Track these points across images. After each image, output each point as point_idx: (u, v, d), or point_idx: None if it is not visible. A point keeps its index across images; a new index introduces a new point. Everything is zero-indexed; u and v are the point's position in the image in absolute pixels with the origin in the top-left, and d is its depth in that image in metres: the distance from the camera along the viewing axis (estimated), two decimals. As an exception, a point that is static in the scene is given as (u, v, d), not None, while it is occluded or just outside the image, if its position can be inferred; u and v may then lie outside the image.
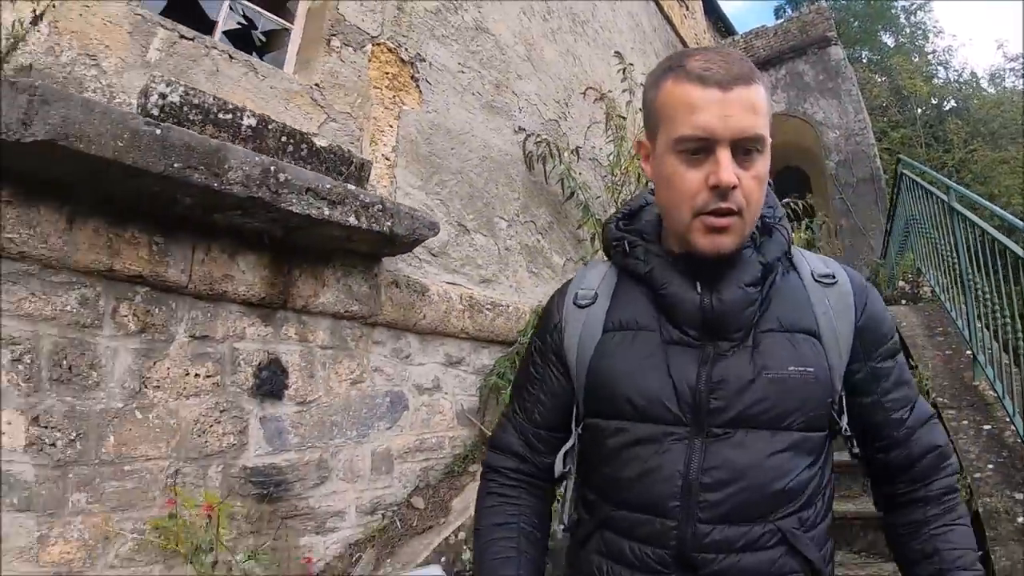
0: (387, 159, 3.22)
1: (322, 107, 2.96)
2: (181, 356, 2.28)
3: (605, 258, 1.06)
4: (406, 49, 3.45)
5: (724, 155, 0.82)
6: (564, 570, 1.03)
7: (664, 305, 0.91)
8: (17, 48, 2.12)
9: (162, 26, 2.61)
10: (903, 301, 4.93)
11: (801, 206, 4.83)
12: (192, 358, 2.29)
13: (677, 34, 7.59)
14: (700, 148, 0.83)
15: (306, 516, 2.54)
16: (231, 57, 2.78)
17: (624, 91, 4.33)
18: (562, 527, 1.01)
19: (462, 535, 2.73)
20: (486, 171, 3.84)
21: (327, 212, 2.32)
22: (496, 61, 4.10)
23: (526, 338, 3.44)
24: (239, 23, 3.55)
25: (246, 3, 3.18)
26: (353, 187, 2.48)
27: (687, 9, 8.33)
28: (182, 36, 2.68)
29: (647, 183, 4.43)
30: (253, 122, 2.39)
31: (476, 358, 3.41)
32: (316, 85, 2.97)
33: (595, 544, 0.93)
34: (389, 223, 2.50)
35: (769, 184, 0.91)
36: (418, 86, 3.47)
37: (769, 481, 0.84)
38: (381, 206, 2.51)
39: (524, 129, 4.13)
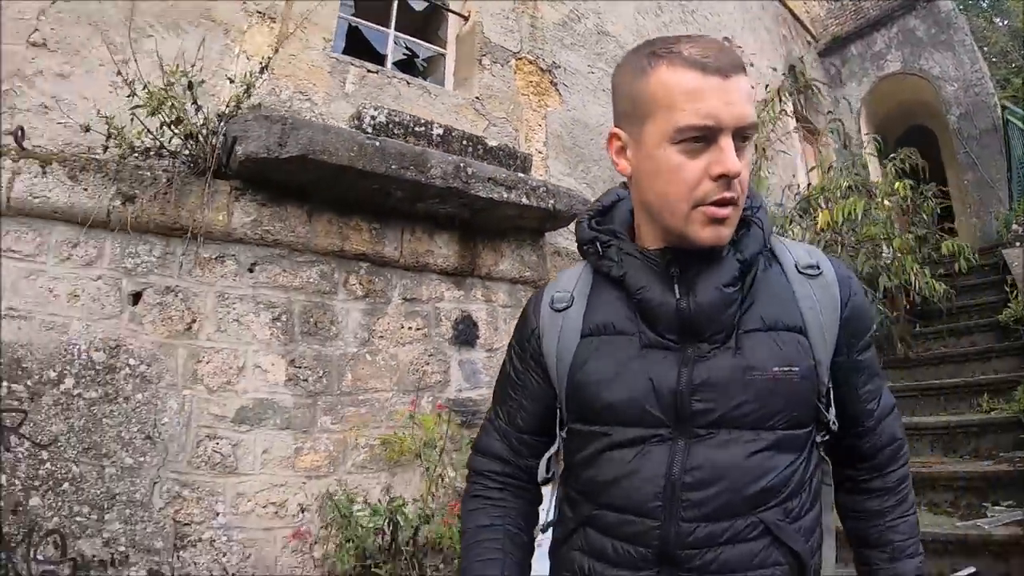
0: (540, 152, 3.84)
1: (483, 115, 3.63)
2: (397, 314, 2.99)
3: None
4: (543, 59, 4.07)
5: (728, 143, 0.81)
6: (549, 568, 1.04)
7: (641, 309, 0.90)
8: (250, 93, 2.88)
9: (352, 64, 3.37)
10: (1016, 244, 4.92)
11: (919, 168, 4.90)
12: (405, 315, 3.00)
13: (785, 5, 7.73)
14: (702, 137, 0.81)
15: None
16: (408, 83, 3.51)
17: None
18: (540, 527, 1.05)
19: None
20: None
21: (505, 195, 2.95)
22: (617, 57, 4.63)
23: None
24: (404, 54, 4.32)
25: (405, 36, 3.94)
26: (522, 175, 3.10)
27: None
28: (368, 71, 3.44)
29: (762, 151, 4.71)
30: (440, 131, 3.07)
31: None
32: (477, 98, 3.65)
33: (577, 542, 0.94)
34: (552, 201, 3.09)
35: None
36: (557, 89, 4.07)
37: (751, 480, 0.85)
38: (545, 188, 3.11)
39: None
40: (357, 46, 4.44)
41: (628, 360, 0.89)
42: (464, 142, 3.10)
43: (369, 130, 2.95)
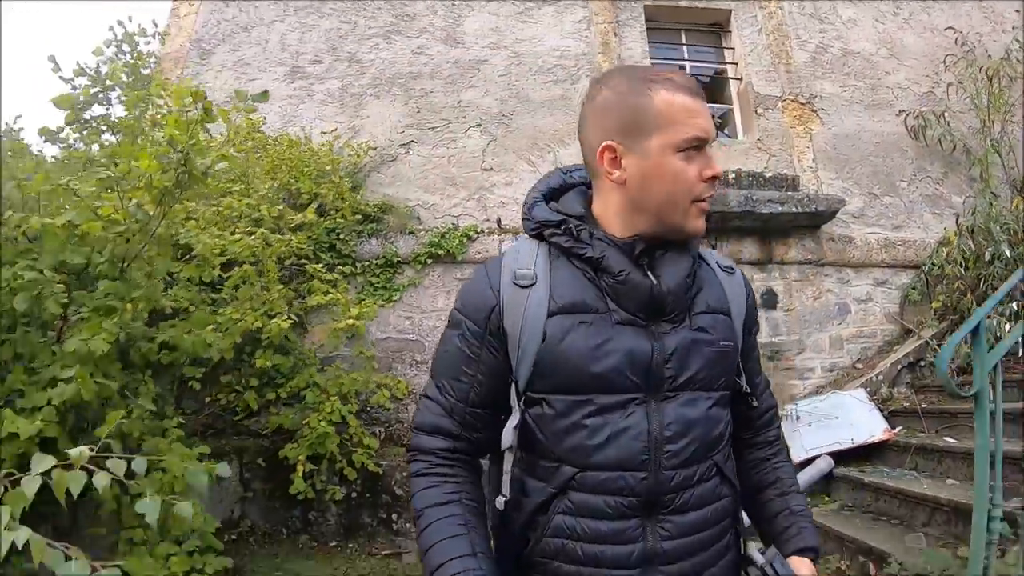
0: (811, 167, 5.51)
1: (764, 150, 5.48)
2: None
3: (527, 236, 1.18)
4: (801, 95, 5.73)
5: (711, 151, 1.07)
6: (508, 539, 1.13)
7: (618, 289, 1.06)
8: None
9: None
10: None
11: None
12: None
13: None
14: (697, 146, 1.04)
15: (792, 370, 4.97)
16: None
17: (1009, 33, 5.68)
18: (503, 498, 1.12)
19: (881, 376, 4.76)
20: (881, 152, 5.74)
21: (780, 208, 4.79)
22: (866, 71, 6.00)
23: (935, 260, 5.14)
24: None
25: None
26: (790, 192, 4.90)
27: None
28: None
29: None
30: (733, 175, 5.03)
31: (896, 279, 5.33)
32: (758, 140, 5.52)
33: (560, 506, 1.07)
34: (813, 206, 4.82)
35: None
36: (817, 115, 5.69)
37: (710, 429, 1.10)
38: (808, 198, 4.86)
39: (903, 111, 5.84)
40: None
41: (604, 334, 1.05)
42: (750, 178, 5.02)
43: None
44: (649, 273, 1.07)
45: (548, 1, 5.92)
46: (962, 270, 4.92)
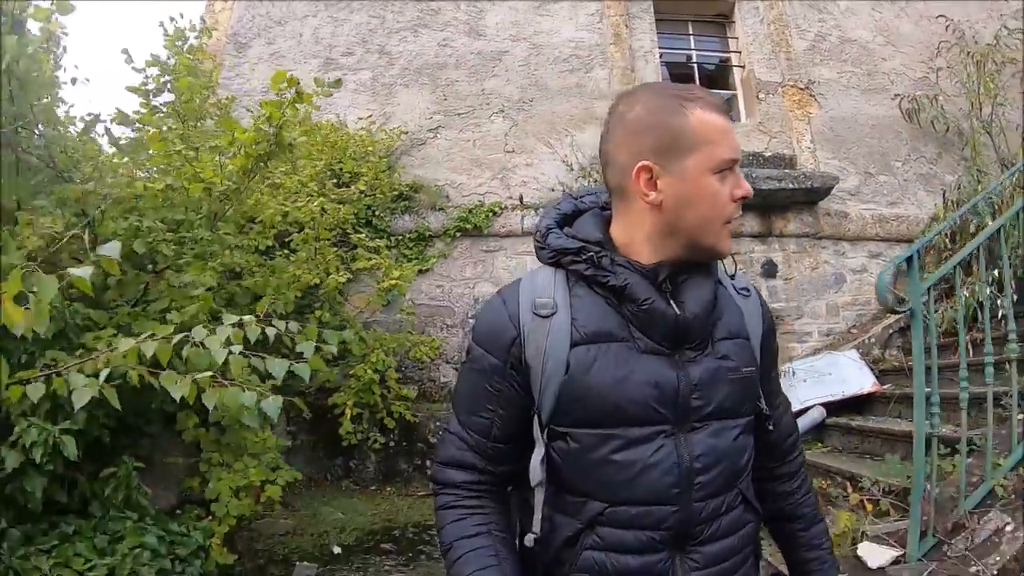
0: (809, 147, 5.98)
1: (765, 132, 5.96)
2: (728, 262, 5.52)
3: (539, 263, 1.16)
4: (800, 81, 6.20)
5: (739, 172, 1.07)
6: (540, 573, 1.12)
7: (642, 318, 1.05)
8: None
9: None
10: None
11: None
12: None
13: None
14: (727, 167, 1.04)
15: (792, 334, 5.46)
16: None
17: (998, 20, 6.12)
18: (534, 535, 1.12)
19: (873, 339, 5.23)
20: (876, 134, 6.19)
21: (777, 184, 5.27)
22: (862, 58, 6.45)
23: (927, 235, 5.57)
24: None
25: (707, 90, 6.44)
26: (787, 171, 5.38)
27: None
28: None
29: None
30: (736, 155, 5.53)
31: (890, 251, 5.78)
32: (760, 123, 5.99)
33: (588, 541, 1.07)
34: (809, 183, 5.30)
35: None
36: (815, 99, 6.16)
37: (739, 458, 1.11)
38: (804, 175, 5.34)
39: (898, 95, 6.28)
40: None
41: (629, 365, 1.04)
42: (750, 158, 5.50)
43: None
44: (672, 301, 1.07)
45: (563, -2, 6.44)
46: (949, 242, 5.36)
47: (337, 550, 3.93)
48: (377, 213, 5.43)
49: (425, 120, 6.06)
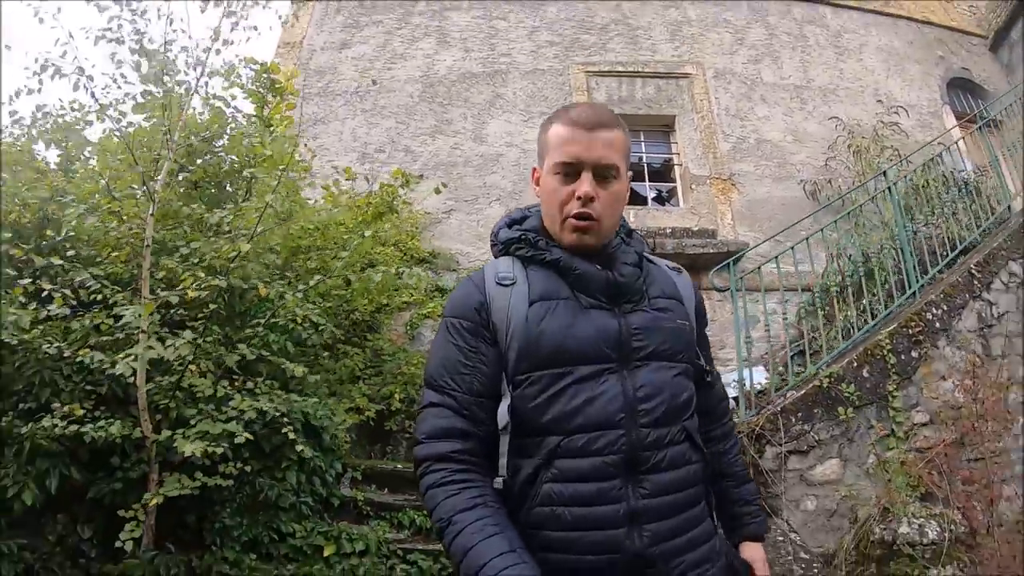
0: (731, 223, 8.25)
1: (696, 215, 8.26)
2: None
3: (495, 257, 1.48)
4: (723, 174, 8.54)
5: (587, 176, 1.33)
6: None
7: (578, 281, 1.35)
8: None
9: (632, 207, 8.29)
10: None
11: None
12: None
13: (940, 27, 10.65)
14: (571, 171, 1.33)
15: (718, 360, 7.60)
16: (658, 208, 8.32)
17: (876, 118, 8.45)
18: (501, 478, 1.29)
19: (778, 359, 7.39)
20: (785, 210, 8.43)
21: (700, 250, 7.53)
22: (775, 153, 8.79)
23: (823, 282, 7.74)
24: (657, 191, 9.14)
25: (653, 184, 8.77)
26: (710, 239, 7.65)
27: None
28: (639, 206, 8.36)
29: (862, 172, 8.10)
30: (669, 229, 7.81)
31: (795, 298, 7.97)
32: (691, 207, 8.31)
33: (546, 475, 1.26)
34: (726, 248, 7.56)
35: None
36: (735, 186, 8.48)
37: (678, 393, 1.34)
38: (721, 242, 7.60)
39: (803, 180, 8.56)
40: (633, 195, 9.41)
41: (576, 316, 1.32)
42: (681, 231, 7.77)
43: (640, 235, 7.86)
44: (598, 266, 1.36)
45: (547, 112, 8.85)
46: (836, 289, 7.56)
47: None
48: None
49: (441, 204, 8.35)
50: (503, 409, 1.29)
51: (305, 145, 5.13)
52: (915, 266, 5.53)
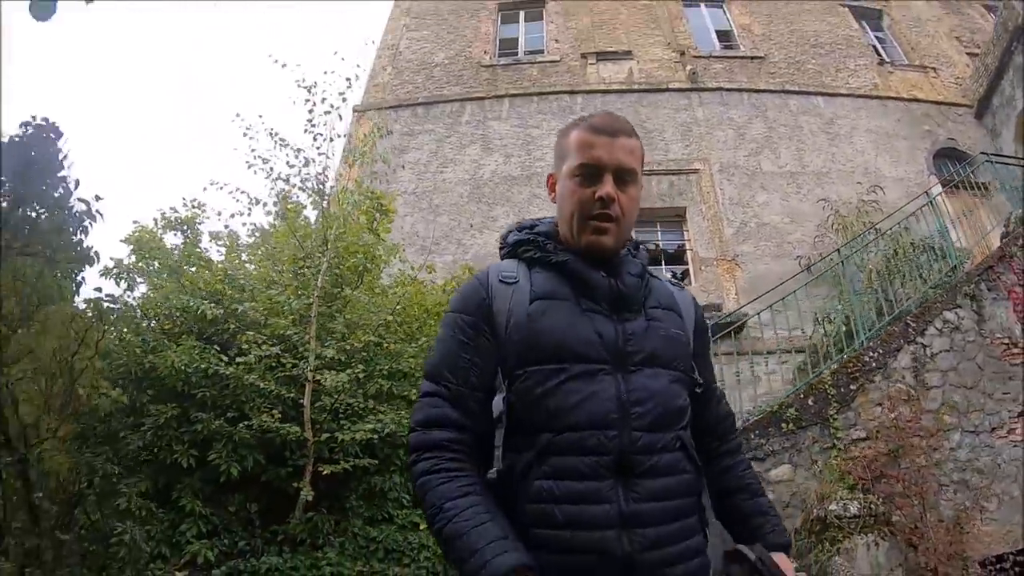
0: (734, 297, 9.96)
1: (705, 291, 10.04)
2: None
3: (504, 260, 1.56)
4: (728, 255, 10.35)
5: (608, 178, 1.42)
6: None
7: (581, 285, 1.42)
8: None
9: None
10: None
11: None
12: None
13: (927, 102, 12.41)
14: (592, 173, 1.43)
15: (734, 415, 9.16)
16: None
17: (863, 200, 10.15)
18: (496, 470, 1.32)
19: None
20: (783, 284, 10.14)
21: (710, 323, 9.21)
22: (773, 234, 10.57)
23: (811, 343, 9.27)
24: (672, 273, 10.90)
25: (669, 267, 10.59)
26: (716, 313, 9.37)
27: (932, 72, 13.01)
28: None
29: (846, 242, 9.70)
30: (683, 303, 9.56)
31: (793, 359, 9.53)
32: (701, 286, 10.09)
33: (537, 471, 1.30)
34: (729, 318, 9.25)
35: None
36: (739, 265, 10.24)
37: (672, 399, 1.40)
38: (727, 314, 9.31)
39: (799, 256, 10.25)
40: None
41: (576, 316, 1.39)
42: (693, 305, 9.50)
43: None
44: (603, 273, 1.43)
45: (575, 207, 10.86)
46: (825, 348, 9.10)
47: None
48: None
49: (489, 289, 10.29)
50: (498, 400, 1.36)
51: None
52: (864, 322, 7.15)
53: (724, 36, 13.94)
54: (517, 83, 12.90)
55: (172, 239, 6.33)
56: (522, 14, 14.55)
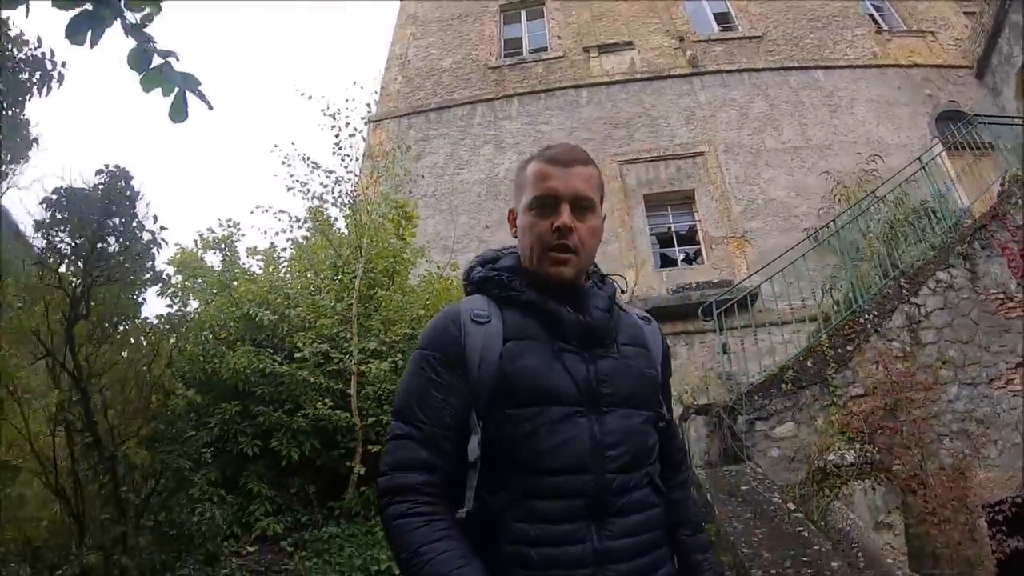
0: (745, 272, 10.48)
1: (716, 268, 10.60)
2: (700, 346, 9.92)
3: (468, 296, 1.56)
4: (737, 232, 10.89)
5: (565, 208, 1.43)
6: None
7: (550, 321, 1.43)
8: (628, 290, 10.31)
9: (664, 269, 10.67)
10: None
11: None
12: (699, 345, 9.91)
13: (926, 67, 12.76)
14: (549, 204, 1.44)
15: (741, 385, 9.73)
16: (686, 268, 10.67)
17: (863, 170, 10.60)
18: (465, 511, 1.32)
19: None
20: (792, 257, 10.63)
21: (722, 297, 9.79)
22: (780, 209, 11.07)
23: (834, 307, 9.77)
24: (685, 254, 11.47)
25: (682, 248, 11.14)
26: (727, 288, 9.93)
27: (931, 36, 13.35)
28: (671, 268, 10.72)
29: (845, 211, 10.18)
30: (695, 283, 10.14)
31: (805, 328, 10.01)
32: (713, 264, 10.65)
33: (515, 513, 1.32)
34: (740, 294, 9.79)
35: None
36: (748, 242, 10.77)
37: (644, 440, 1.44)
38: (738, 289, 9.85)
39: (806, 228, 10.72)
40: (665, 258, 11.78)
41: (548, 357, 1.40)
42: (704, 284, 10.07)
43: (671, 291, 10.17)
44: (569, 308, 1.44)
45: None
46: (835, 316, 9.60)
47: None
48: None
49: (510, 281, 10.94)
50: (474, 444, 1.36)
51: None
52: (866, 288, 7.66)
53: (722, 18, 14.42)
54: (524, 82, 13.51)
55: (211, 258, 7.10)
56: (523, 13, 15.17)
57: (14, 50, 3.90)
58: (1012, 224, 7.86)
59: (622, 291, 1.61)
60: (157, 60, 1.92)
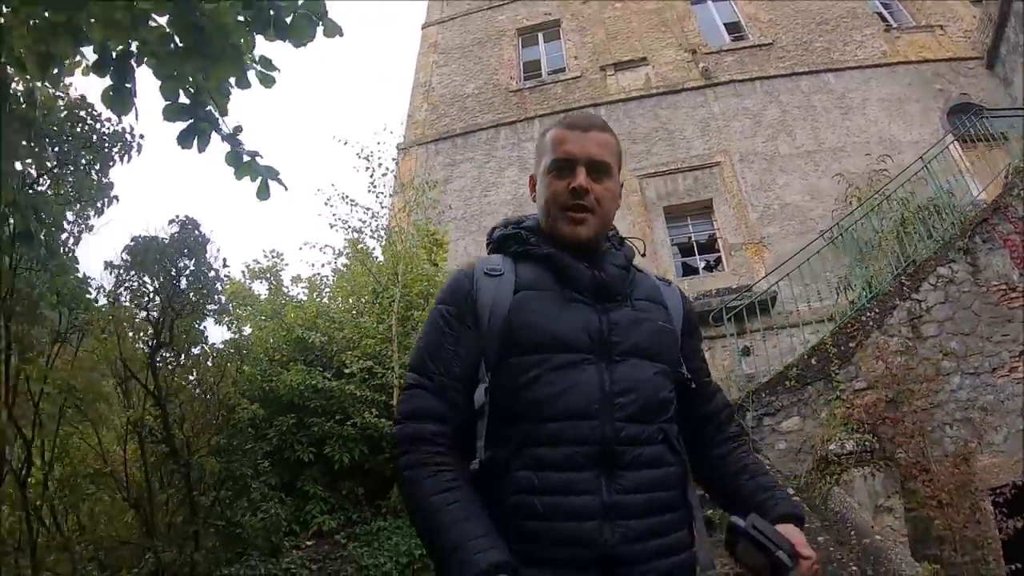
0: (765, 276, 11.03)
1: (736, 274, 11.18)
2: (725, 341, 10.51)
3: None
4: (754, 238, 11.45)
5: (581, 170, 1.49)
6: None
7: (564, 275, 1.48)
8: None
9: (687, 278, 11.29)
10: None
11: None
12: (720, 347, 10.50)
13: (936, 61, 13.08)
14: (566, 167, 1.50)
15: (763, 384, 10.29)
16: (707, 275, 11.27)
17: (874, 171, 11.07)
18: (478, 461, 1.36)
19: None
20: (809, 260, 11.15)
21: (742, 302, 10.37)
22: (796, 214, 11.59)
23: (835, 311, 10.21)
24: (705, 261, 12.06)
25: (702, 256, 11.75)
26: (747, 293, 10.51)
27: (940, 30, 13.65)
28: (693, 276, 11.33)
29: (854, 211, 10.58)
30: (715, 290, 10.76)
31: (823, 327, 10.50)
32: (732, 270, 11.22)
33: (520, 462, 1.34)
34: (758, 299, 10.35)
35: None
36: (766, 247, 11.33)
37: (656, 391, 1.43)
38: (755, 294, 10.43)
39: (822, 231, 11.19)
40: (687, 267, 12.35)
41: (561, 306, 1.44)
42: (724, 290, 10.66)
43: (693, 299, 10.78)
44: (586, 264, 1.49)
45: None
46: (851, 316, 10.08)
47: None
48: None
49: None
50: (480, 392, 1.40)
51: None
52: (874, 287, 8.20)
53: (733, 28, 14.97)
54: (544, 103, 14.25)
55: (258, 287, 7.99)
56: (541, 36, 15.95)
57: (100, 127, 4.76)
58: (1014, 215, 8.24)
59: (642, 254, 1.67)
60: (246, 156, 2.69)
